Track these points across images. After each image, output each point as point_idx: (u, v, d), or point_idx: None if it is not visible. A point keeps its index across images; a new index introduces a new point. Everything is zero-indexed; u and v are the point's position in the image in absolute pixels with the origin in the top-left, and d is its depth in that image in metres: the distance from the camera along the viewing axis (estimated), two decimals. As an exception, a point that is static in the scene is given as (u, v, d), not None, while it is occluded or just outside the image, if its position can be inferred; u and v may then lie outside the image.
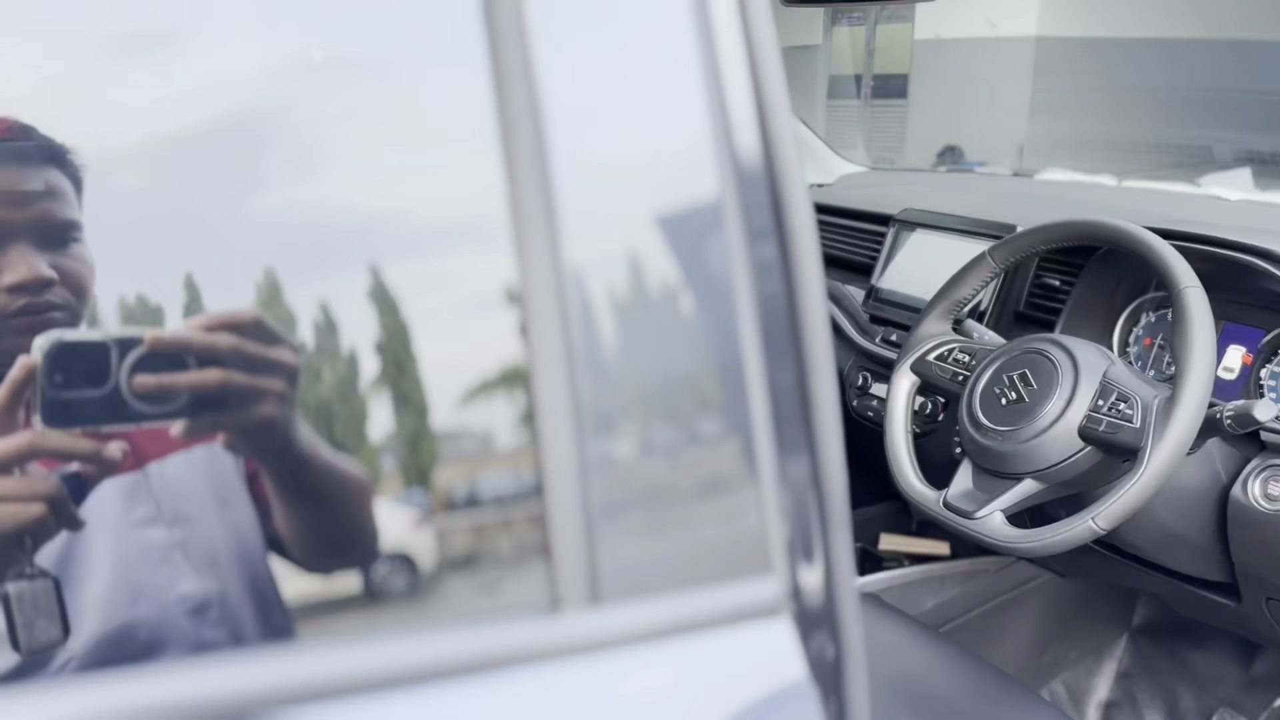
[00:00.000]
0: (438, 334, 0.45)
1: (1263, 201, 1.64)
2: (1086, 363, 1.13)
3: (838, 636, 0.57)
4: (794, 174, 0.53)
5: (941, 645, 1.23)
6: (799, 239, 0.53)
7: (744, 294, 0.48)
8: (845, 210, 1.86)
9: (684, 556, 0.46)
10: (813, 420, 0.53)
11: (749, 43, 0.51)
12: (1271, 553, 1.13)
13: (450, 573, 0.47)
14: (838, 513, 0.54)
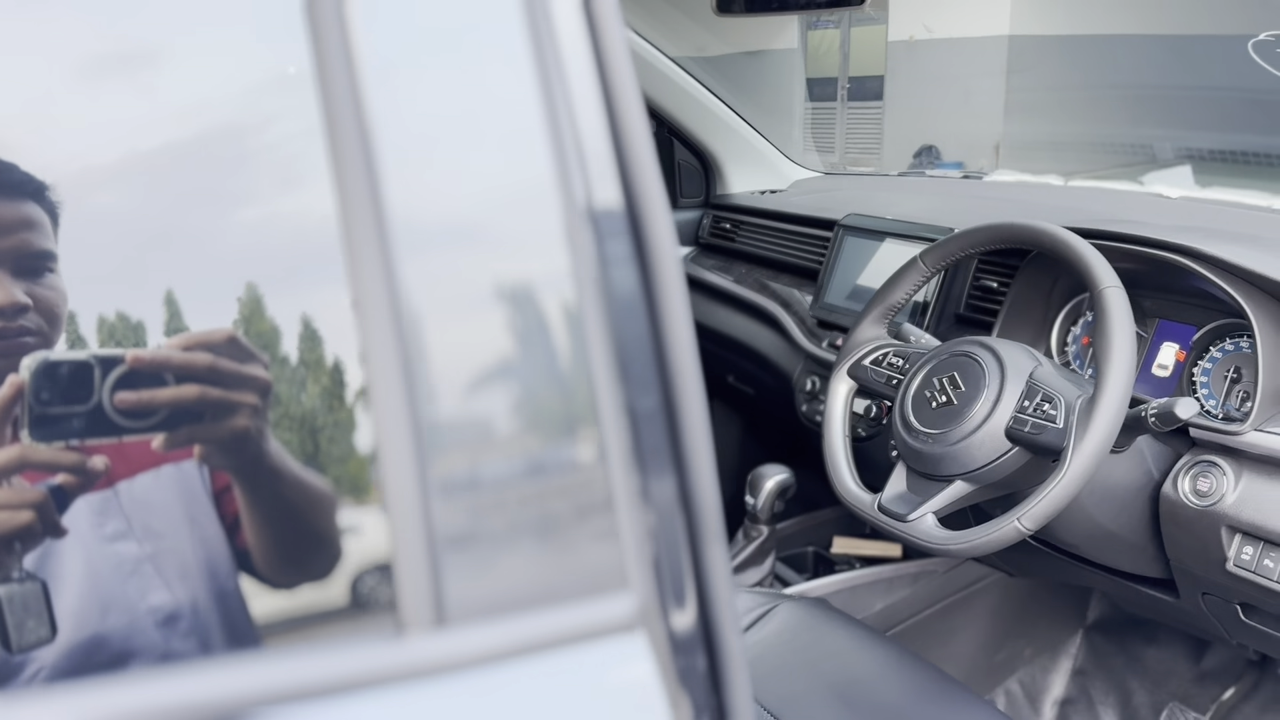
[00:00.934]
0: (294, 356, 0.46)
1: (1202, 198, 1.65)
2: (1013, 364, 1.14)
3: (715, 650, 0.57)
4: (655, 199, 0.53)
5: (885, 647, 1.24)
6: (661, 264, 0.53)
7: (594, 318, 0.48)
8: (793, 216, 1.87)
9: (535, 576, 0.47)
10: (680, 440, 0.53)
11: (599, 61, 0.51)
12: (1203, 548, 1.14)
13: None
14: (710, 529, 0.55)
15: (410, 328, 0.44)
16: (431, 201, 0.45)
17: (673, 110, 2.00)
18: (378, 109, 0.44)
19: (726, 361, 1.98)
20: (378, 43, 0.44)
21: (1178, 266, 1.21)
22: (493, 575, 0.46)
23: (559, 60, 0.49)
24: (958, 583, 1.58)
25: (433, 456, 0.44)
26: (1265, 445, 1.09)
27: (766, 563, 1.51)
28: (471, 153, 0.47)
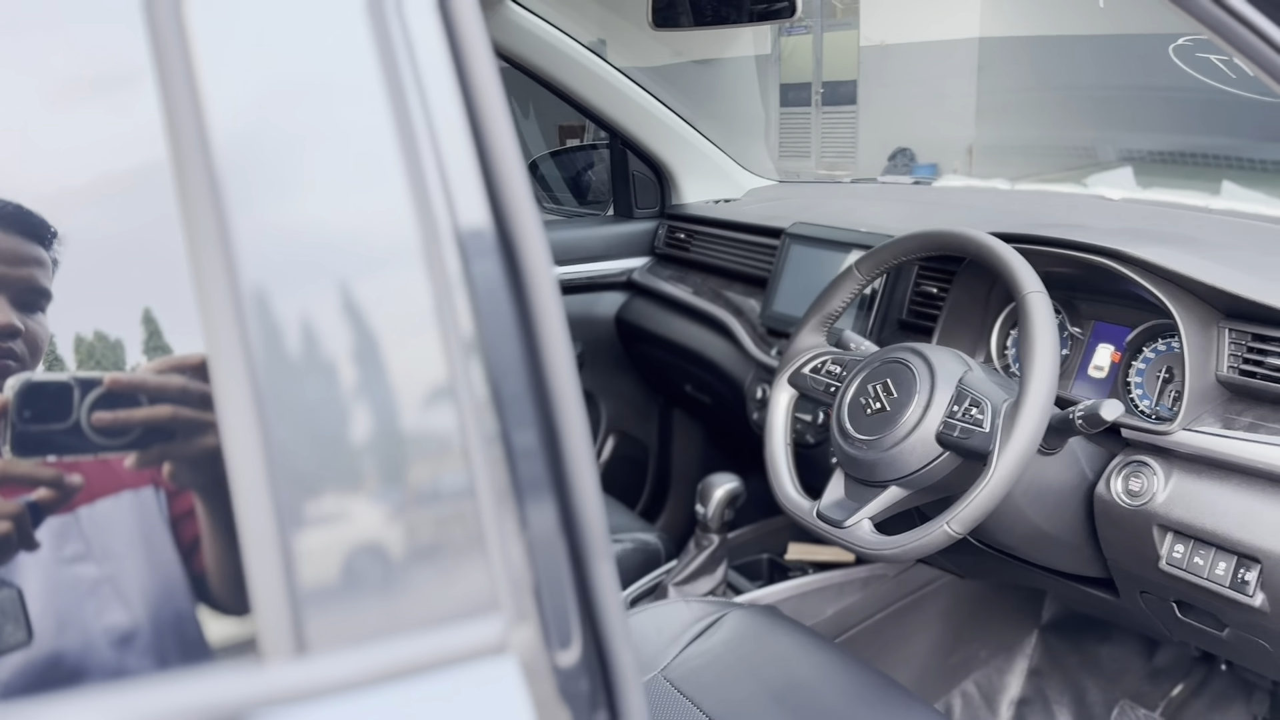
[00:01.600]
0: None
1: (1143, 200, 1.67)
2: (943, 370, 1.15)
3: (607, 667, 0.57)
4: (526, 217, 0.54)
5: (828, 653, 1.24)
6: (535, 282, 0.54)
7: (459, 338, 0.49)
8: (743, 225, 1.89)
9: (400, 601, 0.47)
10: (561, 460, 0.53)
11: (462, 79, 0.51)
12: (1136, 547, 1.15)
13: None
14: (596, 548, 0.55)
15: (260, 355, 0.44)
16: (283, 227, 0.46)
17: (624, 122, 2.01)
18: (222, 128, 0.44)
19: (683, 371, 1.99)
20: (227, 79, 0.44)
21: (1109, 270, 1.22)
22: (355, 602, 0.46)
23: (419, 80, 0.49)
24: (908, 586, 1.58)
25: (288, 484, 0.45)
26: (1193, 444, 1.10)
27: (719, 571, 1.52)
28: (322, 175, 0.47)
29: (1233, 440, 1.08)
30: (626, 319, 2.11)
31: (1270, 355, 1.09)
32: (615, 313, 2.13)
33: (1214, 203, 1.57)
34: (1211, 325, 1.14)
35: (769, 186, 2.18)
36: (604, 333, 2.13)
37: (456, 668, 0.47)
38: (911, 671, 1.62)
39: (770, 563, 1.72)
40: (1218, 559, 1.08)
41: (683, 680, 1.22)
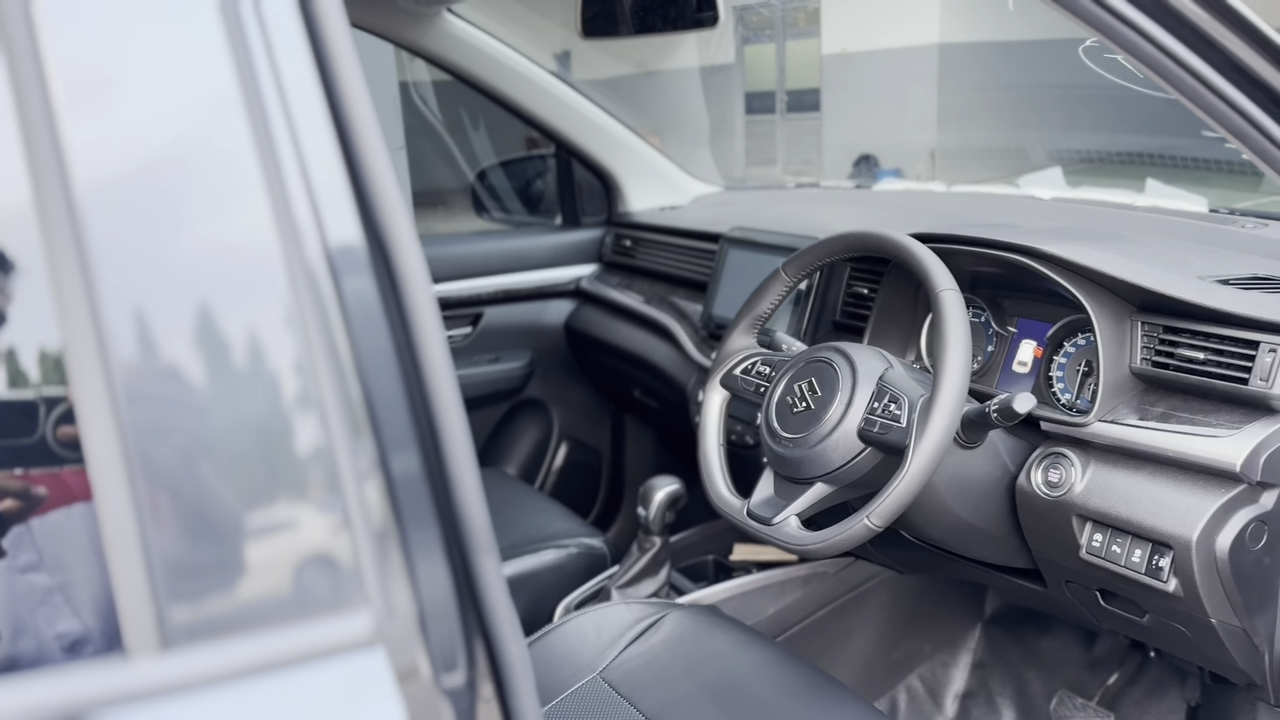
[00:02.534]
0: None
1: (1071, 198, 1.71)
2: (864, 367, 1.17)
3: (497, 662, 0.59)
4: (401, 230, 0.54)
5: (764, 650, 1.26)
6: (411, 294, 0.54)
7: (326, 344, 0.50)
8: (685, 230, 1.91)
9: (266, 596, 0.48)
10: (443, 460, 0.55)
11: (329, 93, 0.52)
12: (1058, 537, 1.18)
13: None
14: (479, 542, 0.56)
15: (121, 370, 0.45)
16: (142, 248, 0.47)
17: (568, 132, 2.03)
18: (76, 145, 0.45)
19: (631, 377, 2.00)
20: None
21: (1028, 268, 1.25)
22: (221, 596, 0.47)
23: (280, 87, 0.50)
24: (849, 583, 1.60)
25: (147, 483, 0.45)
26: (1108, 435, 1.13)
27: (662, 573, 1.53)
28: (180, 190, 0.48)
29: (1145, 430, 1.10)
30: (575, 326, 2.12)
31: (1181, 347, 1.12)
32: (564, 320, 2.15)
33: (1138, 200, 1.60)
34: (1125, 319, 1.17)
35: (714, 193, 2.21)
36: (553, 341, 2.15)
37: (323, 662, 0.48)
38: (855, 667, 1.63)
39: (715, 564, 1.74)
40: (1134, 546, 1.11)
41: (620, 681, 1.23)
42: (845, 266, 1.52)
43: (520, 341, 2.11)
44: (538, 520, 1.66)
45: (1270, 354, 1.04)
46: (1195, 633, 1.12)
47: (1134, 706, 1.54)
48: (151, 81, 0.48)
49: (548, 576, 1.55)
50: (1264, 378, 1.04)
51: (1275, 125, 0.93)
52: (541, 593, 1.54)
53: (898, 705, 1.67)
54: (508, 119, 2.08)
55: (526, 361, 2.11)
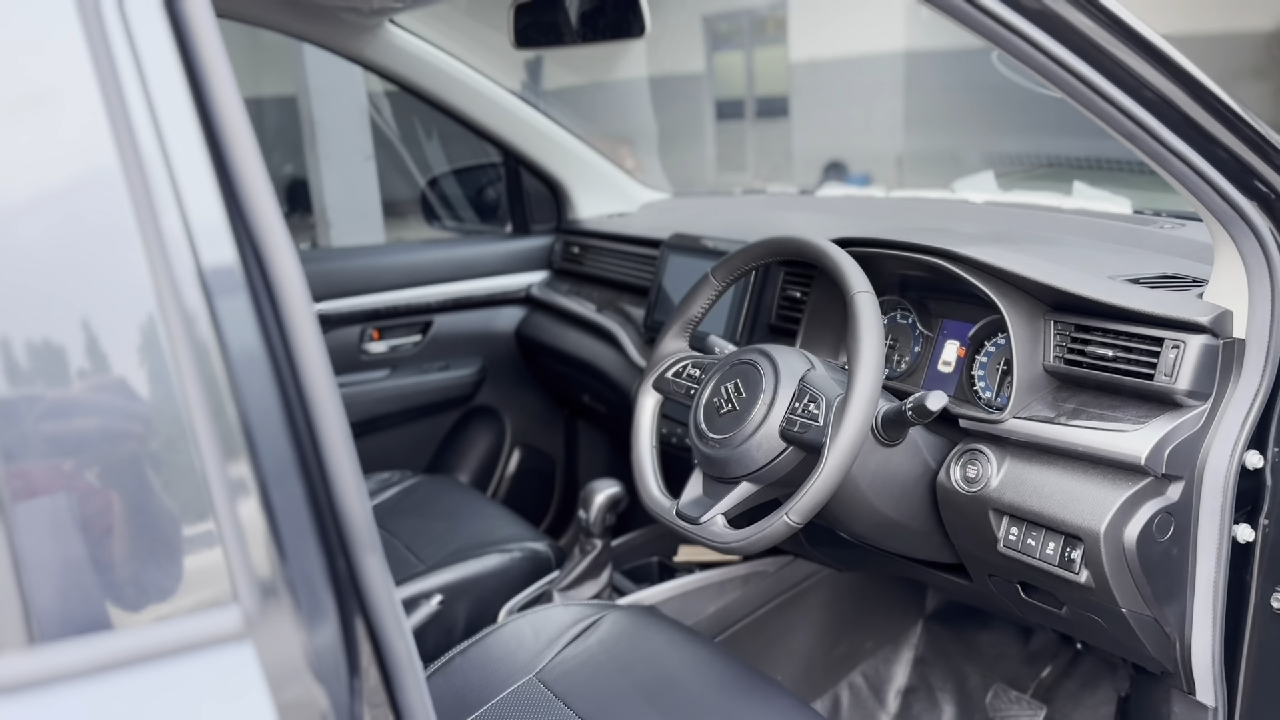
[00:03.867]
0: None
1: (1003, 202, 1.75)
2: (787, 368, 1.20)
3: (383, 656, 0.60)
4: (279, 245, 0.55)
5: (697, 647, 1.28)
6: (289, 309, 0.56)
7: (193, 353, 0.51)
8: (629, 237, 1.93)
9: (136, 591, 0.50)
10: (323, 461, 0.56)
11: (202, 109, 0.54)
12: (977, 532, 1.21)
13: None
14: (361, 540, 0.58)
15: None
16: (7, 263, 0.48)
17: (515, 141, 2.05)
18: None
19: (581, 383, 2.02)
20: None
21: (948, 270, 1.28)
22: (88, 592, 0.49)
23: (148, 98, 0.51)
24: (788, 581, 1.63)
25: (13, 485, 0.47)
26: (1022, 431, 1.16)
27: (603, 575, 1.55)
28: (43, 203, 0.49)
29: (1056, 426, 1.14)
30: (526, 333, 2.14)
31: (1091, 345, 1.15)
32: (515, 327, 2.16)
33: (1066, 203, 1.65)
34: (1039, 319, 1.20)
35: (663, 200, 2.24)
36: (504, 348, 2.16)
37: (191, 656, 0.50)
38: (797, 664, 1.66)
39: (660, 565, 1.76)
40: (1047, 539, 1.14)
41: (556, 681, 1.25)
42: (780, 271, 1.54)
43: (471, 349, 2.12)
44: (483, 526, 1.67)
45: (1174, 350, 1.08)
46: (1109, 623, 1.15)
47: (1068, 699, 1.58)
48: (12, 95, 0.49)
49: (491, 581, 1.57)
50: (1167, 373, 1.08)
51: (1164, 129, 0.97)
52: (485, 597, 1.55)
53: (840, 701, 1.70)
54: (462, 128, 2.10)
55: (477, 369, 2.12)
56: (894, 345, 1.44)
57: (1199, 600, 1.12)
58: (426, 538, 1.64)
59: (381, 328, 2.02)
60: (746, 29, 10.89)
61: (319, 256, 2.07)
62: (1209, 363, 1.07)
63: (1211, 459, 1.07)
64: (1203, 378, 1.07)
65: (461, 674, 1.28)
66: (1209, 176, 1.01)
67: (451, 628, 1.52)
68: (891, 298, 1.45)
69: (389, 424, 2.04)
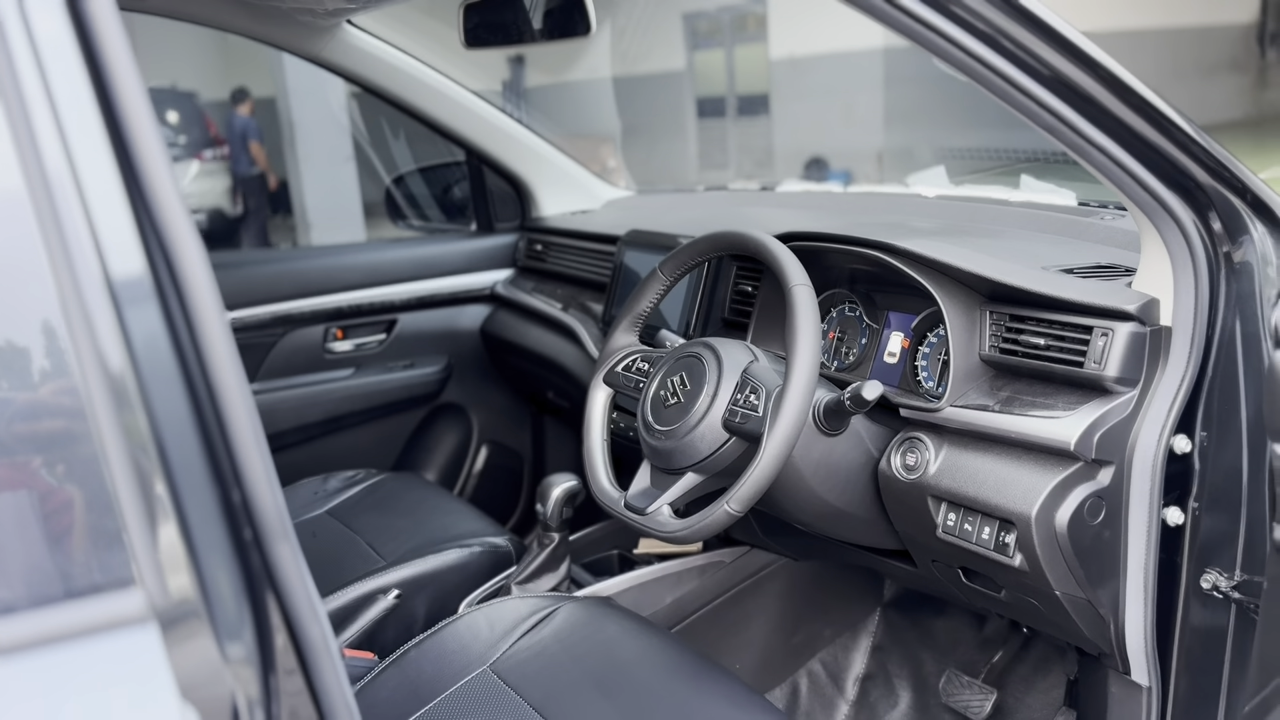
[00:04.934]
0: None
1: (954, 196, 1.77)
2: (730, 360, 1.22)
3: (298, 641, 0.62)
4: (189, 252, 0.57)
5: (649, 637, 1.30)
6: (199, 314, 0.57)
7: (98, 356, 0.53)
8: (588, 234, 1.95)
9: (33, 576, 0.51)
10: (233, 455, 0.58)
11: (108, 115, 0.55)
12: (917, 518, 1.23)
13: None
14: (272, 529, 0.60)
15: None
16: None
17: (478, 140, 2.06)
18: None
19: (545, 379, 2.04)
20: None
21: (888, 263, 1.31)
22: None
23: (50, 98, 0.52)
24: (745, 571, 1.65)
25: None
26: (958, 419, 1.19)
27: (562, 568, 1.57)
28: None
29: (991, 414, 1.16)
30: (491, 331, 2.16)
31: (1025, 334, 1.17)
32: (480, 325, 2.18)
33: (1013, 196, 1.67)
34: (975, 309, 1.23)
35: (626, 197, 2.26)
36: (470, 345, 2.18)
37: (92, 638, 0.52)
38: (755, 653, 1.68)
39: (620, 558, 1.78)
40: (983, 524, 1.16)
41: (509, 672, 1.27)
42: (732, 266, 1.57)
43: (436, 347, 2.14)
44: (444, 521, 1.69)
45: (1103, 337, 1.10)
46: (1045, 605, 1.18)
47: (1021, 683, 1.60)
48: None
49: (451, 576, 1.58)
50: (1097, 360, 1.10)
51: (1083, 122, 0.99)
52: (445, 591, 1.57)
53: (799, 689, 1.72)
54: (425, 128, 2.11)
55: (442, 366, 2.14)
56: (842, 337, 1.46)
57: (1131, 582, 1.14)
58: (388, 534, 1.66)
59: (345, 327, 2.03)
60: (727, 27, 10.92)
61: (282, 257, 2.09)
62: (1136, 350, 1.09)
63: (1140, 444, 1.10)
64: (1130, 364, 1.09)
65: (416, 666, 1.30)
66: (1130, 169, 1.03)
67: (411, 622, 1.54)
68: (840, 291, 1.47)
69: (354, 422, 2.05)
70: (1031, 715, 1.57)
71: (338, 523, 1.71)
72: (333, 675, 0.64)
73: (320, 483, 1.82)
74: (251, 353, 1.95)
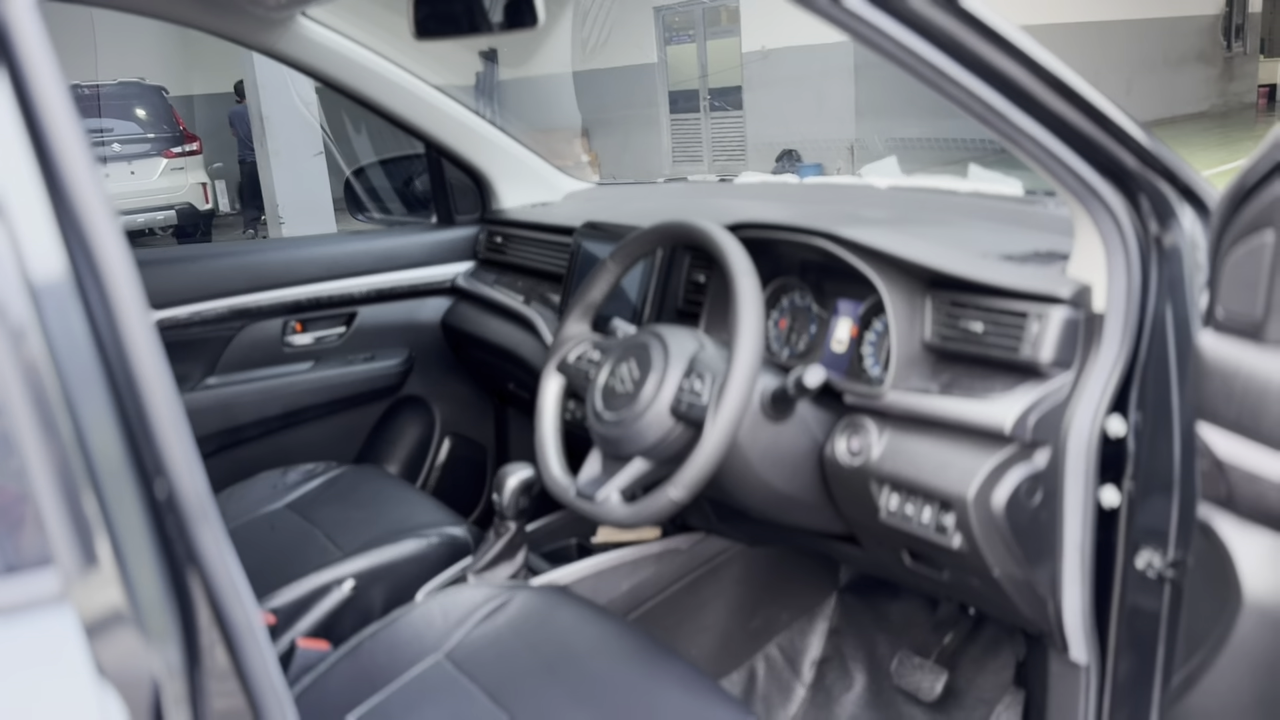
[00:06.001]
0: None
1: (905, 186, 1.79)
2: (677, 348, 1.23)
3: (224, 624, 0.63)
4: (112, 254, 0.57)
5: (603, 623, 1.31)
6: (122, 314, 0.58)
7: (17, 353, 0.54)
8: (546, 226, 1.96)
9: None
10: (144, 418, 0.59)
11: (24, 103, 0.56)
12: (861, 502, 1.25)
13: None
14: (194, 510, 0.61)
15: None
16: None
17: (436, 132, 2.06)
18: None
19: (505, 370, 2.05)
20: None
21: (834, 252, 1.32)
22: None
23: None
24: (701, 557, 1.67)
25: None
26: (900, 404, 1.21)
27: (518, 557, 1.58)
28: None
29: (931, 398, 1.19)
30: (452, 323, 2.16)
31: (964, 320, 1.20)
32: (441, 318, 2.18)
33: (961, 185, 1.70)
34: (917, 296, 1.25)
35: (586, 189, 2.26)
36: (431, 338, 2.18)
37: (7, 619, 0.52)
38: (713, 638, 1.70)
39: (579, 547, 1.79)
40: (923, 507, 1.18)
41: (464, 660, 1.28)
42: (686, 256, 1.58)
43: (397, 339, 2.14)
44: (403, 513, 1.70)
45: (1037, 322, 1.13)
46: (985, 586, 1.20)
47: (972, 664, 1.63)
48: None
49: (409, 566, 1.59)
50: (1032, 345, 1.13)
51: (1014, 110, 1.01)
52: (402, 582, 1.58)
53: (756, 673, 1.75)
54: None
55: (404, 359, 2.14)
56: (793, 325, 1.48)
57: (1068, 562, 1.17)
58: (347, 526, 1.66)
59: (305, 320, 2.03)
60: (700, 20, 10.93)
61: (239, 250, 2.08)
62: (1070, 334, 1.12)
63: (1075, 426, 1.12)
64: (1064, 348, 1.12)
65: (370, 655, 1.31)
66: (1062, 157, 1.05)
67: (368, 613, 1.55)
68: (791, 280, 1.49)
69: (314, 416, 2.05)
70: (982, 696, 1.60)
71: (296, 516, 1.71)
72: (258, 654, 0.65)
73: (279, 476, 1.83)
74: (209, 346, 1.94)
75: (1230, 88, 16.03)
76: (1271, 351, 0.83)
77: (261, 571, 1.55)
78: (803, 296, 1.47)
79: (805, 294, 1.46)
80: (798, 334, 1.47)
